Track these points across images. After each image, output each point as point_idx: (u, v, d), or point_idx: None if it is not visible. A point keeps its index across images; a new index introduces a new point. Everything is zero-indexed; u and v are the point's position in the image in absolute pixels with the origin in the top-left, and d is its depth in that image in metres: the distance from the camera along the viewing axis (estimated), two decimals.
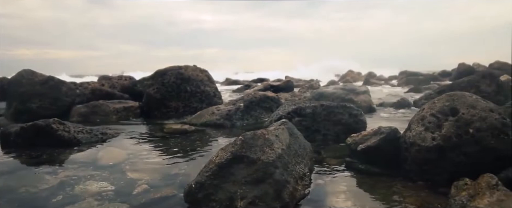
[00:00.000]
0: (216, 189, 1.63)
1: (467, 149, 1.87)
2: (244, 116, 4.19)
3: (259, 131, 1.80)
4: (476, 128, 1.88)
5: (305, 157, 2.16)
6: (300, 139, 2.23)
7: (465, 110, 1.95)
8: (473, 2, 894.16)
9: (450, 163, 1.91)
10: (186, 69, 5.00)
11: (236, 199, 1.61)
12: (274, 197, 1.61)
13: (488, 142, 1.83)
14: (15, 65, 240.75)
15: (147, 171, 2.43)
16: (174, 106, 4.63)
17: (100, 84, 5.50)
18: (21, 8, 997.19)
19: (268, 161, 1.68)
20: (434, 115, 2.02)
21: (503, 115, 1.93)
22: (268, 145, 1.74)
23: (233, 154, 1.69)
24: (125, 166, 2.53)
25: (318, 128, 3.25)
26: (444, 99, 2.06)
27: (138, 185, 2.15)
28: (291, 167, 1.83)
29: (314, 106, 3.26)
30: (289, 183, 1.70)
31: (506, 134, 1.85)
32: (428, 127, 2.02)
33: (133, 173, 2.38)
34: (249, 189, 1.63)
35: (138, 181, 2.20)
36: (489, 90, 4.94)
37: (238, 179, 1.66)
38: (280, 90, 6.72)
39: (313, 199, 1.80)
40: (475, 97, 2.03)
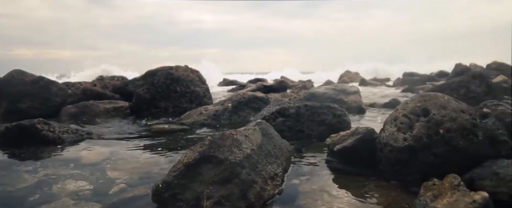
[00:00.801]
0: (183, 189, 1.65)
1: (437, 149, 1.88)
2: (232, 116, 4.20)
3: (228, 131, 1.82)
4: (446, 128, 1.89)
5: (279, 157, 2.17)
6: (275, 140, 2.24)
7: (436, 111, 1.96)
8: (473, 2, 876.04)
9: (421, 163, 1.92)
10: (177, 69, 5.03)
11: (202, 199, 1.62)
12: (240, 197, 1.62)
13: (457, 143, 1.84)
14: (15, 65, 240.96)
15: (128, 170, 2.45)
16: (163, 106, 4.65)
17: (92, 84, 5.53)
18: (21, 8, 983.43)
19: (235, 161, 1.69)
20: (406, 116, 2.03)
21: (474, 115, 1.94)
22: (236, 145, 1.76)
23: (201, 154, 1.71)
24: (106, 165, 2.55)
25: (302, 128, 3.26)
26: (417, 100, 2.07)
27: (116, 184, 2.16)
28: (261, 167, 1.85)
29: (298, 107, 3.27)
30: (256, 183, 1.71)
31: (475, 134, 1.85)
32: (400, 128, 2.03)
33: (113, 172, 2.40)
34: (215, 189, 1.65)
35: (117, 180, 2.22)
36: (478, 90, 4.94)
37: (205, 179, 1.68)
38: (274, 90, 6.74)
39: (282, 199, 1.81)
40: (447, 98, 2.04)
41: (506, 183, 1.42)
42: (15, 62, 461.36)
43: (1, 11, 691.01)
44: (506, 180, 1.42)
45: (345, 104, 5.19)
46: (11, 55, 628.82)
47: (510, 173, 1.46)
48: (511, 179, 1.41)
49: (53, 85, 4.53)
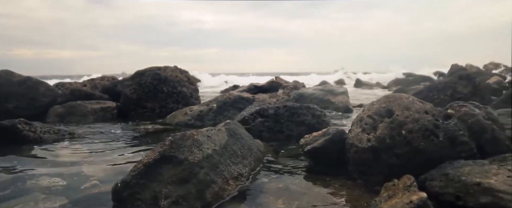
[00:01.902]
0: (141, 188, 1.67)
1: (399, 150, 1.89)
2: (217, 116, 4.22)
3: (189, 132, 1.84)
4: (408, 129, 1.90)
5: (248, 157, 2.19)
6: (244, 140, 2.26)
7: (399, 112, 1.97)
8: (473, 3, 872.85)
9: (384, 164, 1.93)
10: (165, 70, 5.05)
11: (160, 198, 1.64)
12: (196, 197, 1.64)
13: (418, 144, 1.85)
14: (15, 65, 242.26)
15: (104, 168, 2.48)
16: (150, 106, 4.68)
17: (82, 85, 5.56)
18: (21, 8, 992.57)
19: (194, 161, 1.71)
20: (370, 117, 2.04)
21: (437, 117, 1.95)
22: (197, 146, 1.78)
23: (161, 154, 1.73)
24: (83, 163, 2.59)
25: (281, 128, 3.28)
26: (381, 101, 2.08)
27: (89, 181, 2.19)
28: (223, 167, 1.87)
29: (277, 107, 3.29)
30: (215, 183, 1.73)
31: (436, 135, 1.86)
32: (365, 129, 2.04)
33: (89, 170, 2.43)
34: (174, 189, 1.66)
35: (91, 177, 2.25)
36: (465, 91, 4.94)
37: (164, 178, 1.69)
38: (265, 90, 6.75)
39: (243, 198, 1.83)
40: (412, 99, 2.05)
41: (453, 184, 1.42)
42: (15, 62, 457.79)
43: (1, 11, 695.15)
44: (454, 181, 1.43)
45: (333, 104, 5.21)
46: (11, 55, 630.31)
47: (459, 174, 1.47)
48: (458, 180, 1.41)
49: (40, 86, 4.56)
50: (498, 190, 1.30)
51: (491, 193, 1.30)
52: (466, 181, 1.39)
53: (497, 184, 1.34)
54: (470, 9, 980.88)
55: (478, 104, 2.15)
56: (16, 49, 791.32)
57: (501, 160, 1.63)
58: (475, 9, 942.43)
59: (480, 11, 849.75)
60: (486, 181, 1.36)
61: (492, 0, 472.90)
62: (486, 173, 1.45)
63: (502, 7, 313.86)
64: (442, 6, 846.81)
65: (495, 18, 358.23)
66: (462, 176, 1.43)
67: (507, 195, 1.27)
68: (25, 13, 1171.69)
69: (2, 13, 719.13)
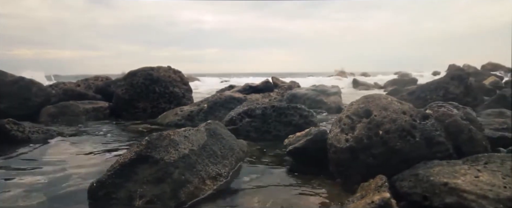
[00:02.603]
0: (117, 188, 1.68)
1: (375, 150, 1.89)
2: (207, 116, 4.22)
3: (166, 132, 1.85)
4: (385, 129, 1.90)
5: (229, 157, 2.20)
6: (226, 140, 2.27)
7: (377, 112, 1.98)
8: (473, 3, 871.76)
9: (362, 164, 1.94)
10: (157, 70, 5.07)
11: (135, 198, 1.66)
12: (170, 196, 1.66)
13: (394, 144, 1.85)
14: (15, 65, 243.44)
15: (88, 166, 2.50)
16: (142, 106, 4.69)
17: (76, 85, 5.59)
18: (21, 8, 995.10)
19: (169, 161, 1.73)
20: (349, 117, 2.05)
21: (415, 117, 1.95)
22: (173, 146, 1.79)
23: (137, 154, 1.74)
24: (69, 162, 2.61)
25: (269, 129, 3.29)
26: (360, 101, 2.09)
27: (72, 179, 2.21)
28: (201, 167, 1.88)
29: (264, 107, 3.30)
30: (190, 183, 1.74)
31: (413, 136, 1.87)
32: (343, 129, 2.05)
33: (73, 168, 2.45)
34: (149, 188, 1.68)
35: (74, 175, 2.27)
36: (457, 91, 4.93)
37: (140, 178, 1.71)
38: (260, 90, 6.76)
39: (220, 197, 1.83)
40: (390, 99, 2.06)
41: (421, 184, 1.43)
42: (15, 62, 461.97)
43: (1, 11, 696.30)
44: (423, 181, 1.43)
45: (325, 104, 5.22)
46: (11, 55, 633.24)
47: (428, 174, 1.47)
48: (427, 180, 1.42)
49: (33, 86, 4.58)
50: (463, 190, 1.30)
51: (456, 193, 1.30)
52: (434, 181, 1.39)
53: (463, 184, 1.34)
54: (470, 9, 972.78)
55: (457, 105, 2.15)
56: (16, 49, 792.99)
57: (474, 160, 1.64)
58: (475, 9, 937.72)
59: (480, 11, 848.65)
60: (453, 181, 1.37)
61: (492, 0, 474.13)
62: (455, 173, 1.45)
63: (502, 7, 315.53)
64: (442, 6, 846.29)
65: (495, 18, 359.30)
66: (431, 176, 1.44)
67: (471, 195, 1.28)
68: (25, 13, 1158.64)
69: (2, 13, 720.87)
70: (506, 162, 1.53)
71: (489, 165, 1.53)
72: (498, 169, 1.47)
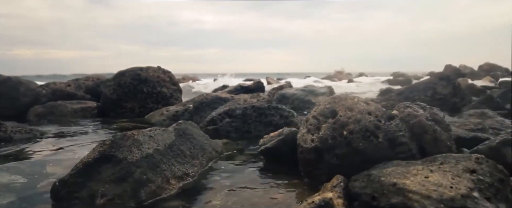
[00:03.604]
0: (79, 187, 1.70)
1: (339, 150, 1.91)
2: (193, 117, 4.25)
3: (130, 132, 1.87)
4: (349, 130, 1.92)
5: (199, 157, 2.22)
6: (196, 140, 2.29)
7: (343, 113, 1.99)
8: (474, 3, 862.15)
9: (326, 164, 1.95)
10: (146, 70, 5.10)
11: (97, 197, 1.68)
12: (131, 195, 1.68)
13: (357, 144, 1.87)
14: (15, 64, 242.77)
15: (67, 166, 2.49)
16: (129, 106, 4.72)
17: (67, 85, 5.62)
18: (21, 8, 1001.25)
19: (132, 160, 1.75)
20: (315, 117, 2.06)
21: (380, 117, 1.97)
22: (136, 146, 1.81)
23: (101, 153, 1.77)
24: (48, 161, 2.62)
25: (249, 129, 3.31)
26: (327, 102, 2.10)
27: (48, 179, 2.22)
28: (166, 166, 1.90)
29: (245, 108, 3.32)
30: (153, 182, 1.76)
31: (376, 136, 1.88)
32: (310, 129, 2.06)
33: (52, 168, 2.47)
34: (111, 187, 1.70)
35: (51, 175, 2.28)
36: (445, 92, 4.94)
37: (103, 177, 1.73)
38: (251, 91, 6.78)
39: (183, 196, 1.84)
40: (357, 99, 2.07)
41: (372, 184, 1.44)
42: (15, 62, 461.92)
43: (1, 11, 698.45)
44: (374, 182, 1.45)
45: (313, 105, 5.22)
46: (11, 55, 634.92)
47: (381, 174, 1.48)
48: (378, 181, 1.43)
49: (21, 86, 4.62)
50: (410, 190, 1.32)
51: (402, 193, 1.31)
52: (384, 181, 1.41)
53: (411, 184, 1.35)
54: (470, 10, 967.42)
55: (424, 105, 2.16)
56: (16, 49, 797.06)
57: (431, 160, 1.65)
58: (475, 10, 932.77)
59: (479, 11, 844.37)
60: (402, 181, 1.38)
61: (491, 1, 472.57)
62: (406, 174, 1.47)
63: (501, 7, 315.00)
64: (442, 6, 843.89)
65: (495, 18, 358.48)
66: (382, 176, 1.45)
67: (416, 195, 1.29)
68: (25, 13, 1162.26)
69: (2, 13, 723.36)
70: (460, 163, 1.54)
71: (443, 166, 1.54)
72: (450, 170, 1.48)
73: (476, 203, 1.27)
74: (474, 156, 1.57)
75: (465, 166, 1.49)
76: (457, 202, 1.25)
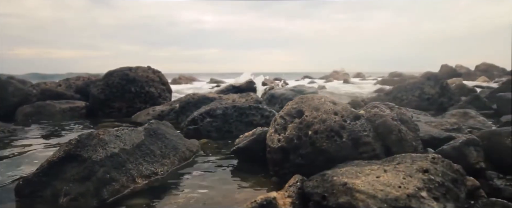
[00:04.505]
0: (43, 186, 1.73)
1: (303, 150, 1.92)
2: (179, 116, 4.27)
3: (96, 131, 1.89)
4: (314, 130, 1.93)
5: (170, 156, 2.24)
6: (168, 140, 2.31)
7: (309, 113, 2.00)
8: (474, 3, 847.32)
9: (292, 164, 1.97)
10: (135, 70, 5.12)
11: (60, 196, 1.70)
12: (93, 194, 1.70)
13: (320, 144, 1.88)
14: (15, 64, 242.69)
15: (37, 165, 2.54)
16: (117, 106, 4.75)
17: (58, 84, 5.66)
18: (22, 8, 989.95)
19: (96, 159, 1.77)
20: (282, 117, 2.08)
21: (346, 117, 1.98)
22: (101, 145, 1.83)
23: (66, 153, 1.79)
24: (24, 159, 2.65)
25: (230, 129, 3.33)
26: (294, 102, 2.12)
27: (14, 178, 2.24)
28: (132, 166, 1.92)
29: (225, 107, 3.33)
30: (116, 181, 1.78)
31: (340, 136, 1.90)
32: (277, 129, 2.08)
33: (26, 166, 2.49)
34: (75, 186, 1.72)
35: (17, 175, 2.30)
36: (432, 92, 4.94)
37: (68, 176, 1.75)
38: (242, 90, 6.79)
39: (148, 195, 1.85)
40: (324, 99, 2.08)
41: (324, 184, 1.46)
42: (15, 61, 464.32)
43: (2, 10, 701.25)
44: (326, 181, 1.46)
45: None
46: (11, 54, 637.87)
47: (334, 174, 1.50)
48: (330, 180, 1.45)
49: (9, 85, 4.65)
50: (357, 190, 1.33)
51: (350, 193, 1.33)
52: (335, 181, 1.42)
53: (361, 184, 1.37)
54: (470, 10, 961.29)
55: (392, 105, 2.17)
56: (17, 49, 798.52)
57: (390, 160, 1.67)
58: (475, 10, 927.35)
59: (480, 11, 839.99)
60: (353, 181, 1.39)
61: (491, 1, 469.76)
62: (359, 174, 1.48)
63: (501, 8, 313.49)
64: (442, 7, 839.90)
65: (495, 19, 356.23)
66: (335, 176, 1.46)
67: (362, 194, 1.30)
68: (26, 13, 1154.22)
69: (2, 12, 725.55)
70: (416, 163, 1.55)
71: (399, 166, 1.55)
72: (404, 169, 1.50)
73: (422, 202, 1.28)
74: (430, 156, 1.58)
75: (420, 166, 1.50)
76: (401, 201, 1.26)
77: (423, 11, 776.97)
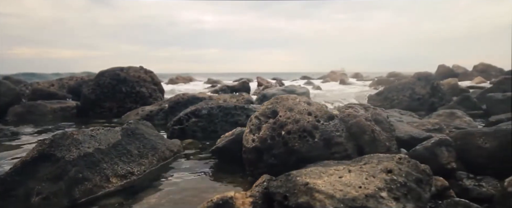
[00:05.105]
0: (16, 185, 1.74)
1: (276, 150, 1.94)
2: (168, 116, 4.29)
3: (70, 131, 1.91)
4: (287, 130, 1.95)
5: (148, 156, 2.25)
6: (147, 140, 2.32)
7: (283, 113, 2.02)
8: (474, 3, 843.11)
9: (265, 164, 1.98)
10: (127, 70, 5.14)
11: (33, 195, 1.72)
12: (65, 193, 1.71)
13: (293, 144, 1.89)
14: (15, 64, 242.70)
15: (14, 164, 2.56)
16: (108, 106, 4.77)
17: (51, 84, 5.69)
18: (22, 7, 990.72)
19: (69, 159, 1.79)
20: (257, 118, 2.09)
21: (319, 118, 1.99)
22: (75, 145, 1.85)
23: (40, 152, 1.81)
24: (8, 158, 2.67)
25: (215, 128, 3.34)
26: (269, 102, 2.13)
27: None
28: (107, 165, 1.94)
29: (211, 108, 3.35)
30: (89, 181, 1.80)
31: (312, 136, 1.91)
32: (252, 129, 2.09)
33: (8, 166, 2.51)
34: (48, 186, 1.74)
35: None
36: (423, 92, 4.94)
37: (41, 176, 1.77)
38: (236, 91, 6.82)
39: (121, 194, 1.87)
40: (299, 99, 2.09)
41: (287, 184, 1.46)
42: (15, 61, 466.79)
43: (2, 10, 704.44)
44: (290, 181, 1.47)
45: None
46: (11, 54, 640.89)
47: (299, 174, 1.51)
48: (293, 180, 1.46)
49: (1, 85, 4.68)
50: (317, 190, 1.34)
51: (310, 193, 1.34)
52: (298, 181, 1.43)
53: (321, 184, 1.38)
54: (470, 10, 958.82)
55: (368, 106, 2.19)
56: (17, 48, 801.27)
57: (358, 160, 1.68)
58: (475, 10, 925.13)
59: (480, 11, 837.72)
60: (314, 181, 1.40)
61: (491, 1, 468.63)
62: (323, 174, 1.49)
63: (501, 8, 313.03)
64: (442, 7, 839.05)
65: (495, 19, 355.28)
66: (299, 176, 1.48)
67: (321, 194, 1.31)
68: (26, 13, 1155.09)
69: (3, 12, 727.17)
70: (382, 163, 1.56)
71: (365, 166, 1.56)
72: (369, 170, 1.51)
73: (380, 202, 1.29)
74: (397, 157, 1.59)
75: (384, 166, 1.51)
76: (358, 202, 1.27)
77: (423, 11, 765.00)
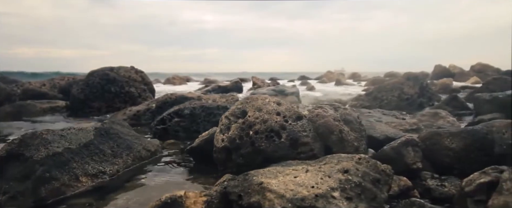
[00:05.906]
0: None
1: (244, 150, 1.95)
2: (155, 116, 4.30)
3: (40, 131, 1.94)
4: (255, 130, 1.96)
5: (123, 156, 2.27)
6: (122, 139, 2.35)
7: (251, 113, 2.03)
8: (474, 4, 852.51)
9: (234, 164, 2.00)
10: (117, 70, 5.17)
11: (0, 194, 1.74)
12: (31, 193, 1.74)
13: (259, 144, 1.91)
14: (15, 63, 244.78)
15: None
16: (97, 106, 4.80)
17: (42, 84, 5.72)
18: (22, 7, 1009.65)
19: (37, 159, 1.81)
20: (227, 118, 2.11)
21: (288, 118, 2.00)
22: (44, 144, 1.87)
23: (8, 152, 1.83)
24: None
25: (198, 128, 3.35)
26: (239, 102, 2.14)
27: None
28: (77, 165, 1.96)
29: (193, 107, 3.37)
30: (57, 180, 1.82)
31: (279, 136, 1.92)
32: (222, 129, 2.11)
33: None
34: (15, 185, 1.77)
35: None
36: (412, 92, 4.94)
37: (10, 175, 1.80)
38: (229, 91, 6.84)
39: (90, 194, 1.89)
40: (268, 100, 2.11)
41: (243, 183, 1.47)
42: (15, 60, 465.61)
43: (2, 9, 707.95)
44: (246, 181, 1.48)
45: None
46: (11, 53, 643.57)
47: (256, 174, 1.52)
48: (250, 180, 1.47)
49: None
50: (269, 189, 1.35)
51: (262, 193, 1.35)
52: (254, 181, 1.45)
53: (275, 184, 1.39)
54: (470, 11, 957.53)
55: (338, 106, 2.20)
56: (17, 48, 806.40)
57: (320, 161, 1.69)
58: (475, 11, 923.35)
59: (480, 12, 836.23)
60: (269, 181, 1.42)
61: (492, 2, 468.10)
62: (279, 173, 1.51)
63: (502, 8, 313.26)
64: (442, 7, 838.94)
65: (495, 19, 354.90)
66: (255, 176, 1.49)
67: (272, 194, 1.33)
68: (26, 12, 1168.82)
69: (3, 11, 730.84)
70: (341, 163, 1.57)
71: (324, 166, 1.58)
72: (326, 170, 1.52)
73: (329, 202, 1.31)
74: (357, 157, 1.60)
75: (342, 166, 1.53)
76: (307, 201, 1.28)
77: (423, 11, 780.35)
